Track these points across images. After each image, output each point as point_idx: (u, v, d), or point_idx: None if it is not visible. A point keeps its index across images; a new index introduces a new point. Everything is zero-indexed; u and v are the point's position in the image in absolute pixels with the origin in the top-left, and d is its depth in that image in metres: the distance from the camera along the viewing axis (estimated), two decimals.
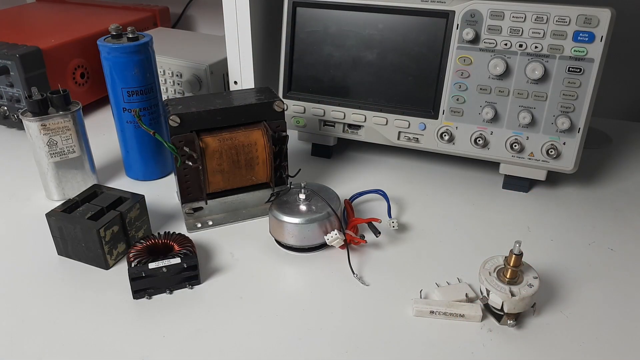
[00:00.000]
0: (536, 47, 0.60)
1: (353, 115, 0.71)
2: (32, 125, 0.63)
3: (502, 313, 0.47)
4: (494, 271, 0.48)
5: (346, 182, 0.72)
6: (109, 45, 0.65)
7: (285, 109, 0.63)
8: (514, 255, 0.47)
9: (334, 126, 0.74)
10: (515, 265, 0.47)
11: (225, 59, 0.80)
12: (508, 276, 0.47)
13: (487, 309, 0.49)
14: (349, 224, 0.60)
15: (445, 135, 0.67)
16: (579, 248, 0.59)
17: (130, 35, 0.66)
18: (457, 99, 0.66)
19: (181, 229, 0.62)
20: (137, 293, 0.52)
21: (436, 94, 0.67)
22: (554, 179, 0.71)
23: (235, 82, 0.80)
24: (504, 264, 0.48)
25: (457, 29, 0.63)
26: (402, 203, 0.68)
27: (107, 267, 0.56)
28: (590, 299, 0.52)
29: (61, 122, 0.64)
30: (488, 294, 0.47)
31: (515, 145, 0.64)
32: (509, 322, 0.48)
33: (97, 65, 0.70)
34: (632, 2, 0.84)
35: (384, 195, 0.65)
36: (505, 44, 0.62)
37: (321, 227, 0.57)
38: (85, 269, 0.56)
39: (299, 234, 0.57)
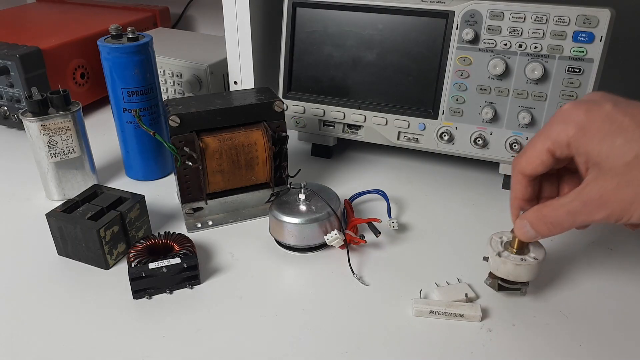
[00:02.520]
0: (536, 47, 0.61)
1: (353, 115, 0.71)
2: (32, 125, 0.63)
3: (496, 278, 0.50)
4: (506, 240, 0.50)
5: (346, 182, 0.73)
6: (109, 46, 0.65)
7: (285, 109, 0.63)
8: None
9: (333, 126, 0.74)
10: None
11: (225, 59, 0.80)
12: (514, 247, 0.48)
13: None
14: (349, 224, 0.60)
15: (445, 136, 0.67)
16: (578, 248, 0.59)
17: (130, 36, 0.66)
18: (457, 99, 0.66)
19: (181, 229, 0.62)
20: (137, 293, 0.52)
21: (436, 94, 0.67)
22: None
23: (235, 82, 0.80)
24: (512, 235, 0.49)
25: (456, 29, 0.63)
26: (402, 203, 0.68)
27: (107, 267, 0.56)
28: (590, 298, 0.52)
29: (61, 122, 0.64)
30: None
31: (515, 145, 0.64)
32: (487, 279, 0.50)
33: (97, 65, 0.70)
34: (632, 2, 0.84)
35: (384, 195, 0.65)
36: (505, 44, 0.62)
37: (321, 227, 0.57)
38: (85, 269, 0.56)
39: (299, 234, 0.57)
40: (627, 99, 0.41)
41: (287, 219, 0.57)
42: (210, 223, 0.63)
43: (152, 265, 0.51)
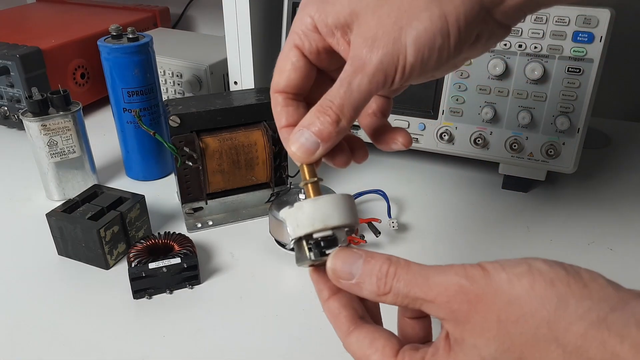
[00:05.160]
0: (536, 47, 0.61)
1: None
2: (32, 125, 0.63)
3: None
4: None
5: (346, 182, 0.72)
6: (109, 46, 0.65)
7: None
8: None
9: None
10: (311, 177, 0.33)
11: (225, 59, 0.80)
12: (306, 177, 0.33)
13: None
14: None
15: (444, 136, 0.67)
16: (578, 248, 0.59)
17: (131, 36, 0.66)
18: (457, 99, 0.66)
19: (181, 229, 0.62)
20: (137, 293, 0.52)
21: (436, 94, 0.67)
22: (553, 179, 0.71)
23: (235, 83, 0.80)
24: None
25: None
26: (402, 203, 0.68)
27: (107, 267, 0.56)
28: None
29: (61, 122, 0.64)
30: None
31: (514, 146, 0.64)
32: (297, 261, 0.32)
33: (98, 65, 0.70)
34: (632, 2, 0.84)
35: (384, 195, 0.65)
36: (505, 44, 0.62)
37: None
38: (85, 269, 0.57)
39: None
40: None
41: None
42: (210, 223, 0.63)
43: (152, 265, 0.51)
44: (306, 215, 0.31)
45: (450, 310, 0.27)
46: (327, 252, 0.31)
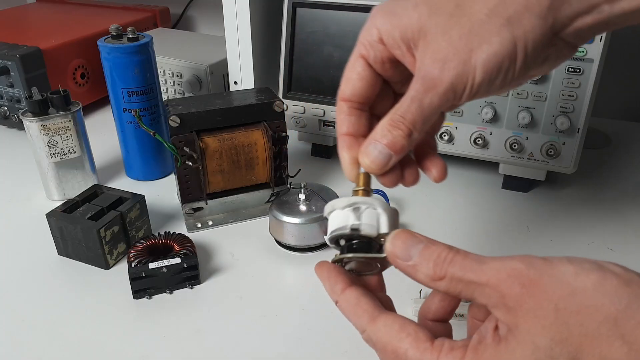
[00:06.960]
0: None
1: None
2: (32, 125, 0.63)
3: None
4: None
5: (346, 182, 0.72)
6: (109, 46, 0.65)
7: (285, 109, 0.63)
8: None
9: (333, 126, 0.74)
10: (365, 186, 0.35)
11: (225, 59, 0.80)
12: (361, 184, 0.36)
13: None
14: None
15: (444, 136, 0.67)
16: (578, 248, 0.59)
17: (131, 36, 0.66)
18: None
19: (181, 229, 0.62)
20: (137, 293, 0.52)
21: None
22: (553, 179, 0.71)
23: (235, 83, 0.80)
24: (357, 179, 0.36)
25: None
26: (402, 203, 0.68)
27: (107, 267, 0.56)
28: None
29: (61, 122, 0.64)
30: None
31: (514, 146, 0.64)
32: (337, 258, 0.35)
33: (98, 65, 0.70)
34: None
35: (384, 195, 0.65)
36: None
37: (321, 227, 0.57)
38: (85, 269, 0.57)
39: (299, 234, 0.57)
40: None
41: (287, 219, 0.57)
42: (210, 223, 0.63)
43: (152, 265, 0.51)
44: (386, 218, 0.33)
45: (501, 294, 0.26)
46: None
